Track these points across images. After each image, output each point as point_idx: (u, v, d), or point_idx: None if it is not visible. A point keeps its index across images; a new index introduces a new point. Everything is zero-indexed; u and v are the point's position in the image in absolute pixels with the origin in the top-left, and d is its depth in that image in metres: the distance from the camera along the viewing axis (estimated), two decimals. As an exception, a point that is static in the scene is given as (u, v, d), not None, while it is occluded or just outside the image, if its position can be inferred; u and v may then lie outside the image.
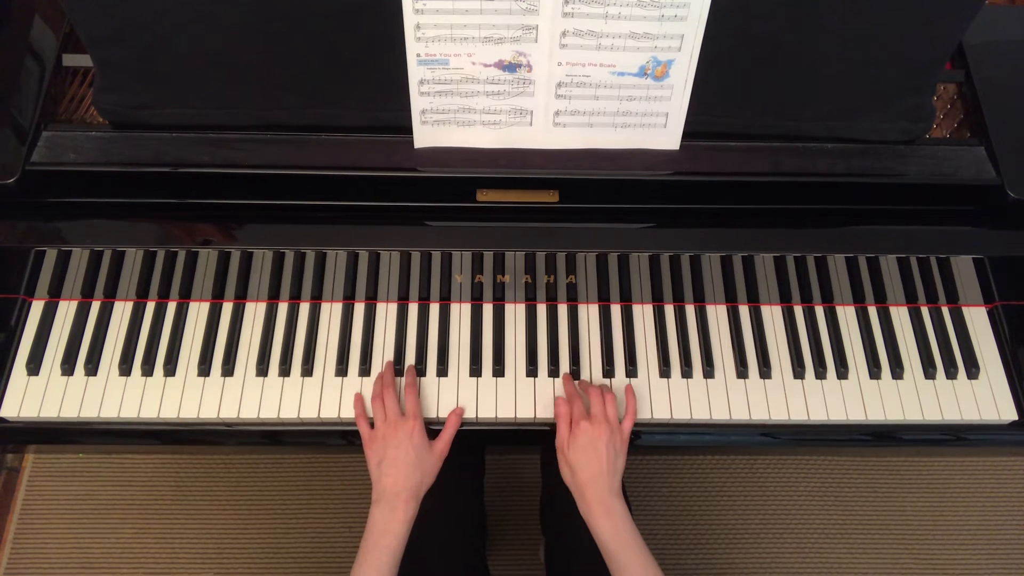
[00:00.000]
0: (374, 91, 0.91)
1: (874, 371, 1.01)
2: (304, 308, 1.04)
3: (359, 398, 0.98)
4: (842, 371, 1.01)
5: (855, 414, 0.98)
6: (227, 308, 1.04)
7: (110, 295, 1.03)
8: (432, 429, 0.97)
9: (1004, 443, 1.01)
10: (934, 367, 1.01)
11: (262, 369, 1.00)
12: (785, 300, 1.05)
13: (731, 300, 1.04)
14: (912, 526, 1.64)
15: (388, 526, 0.88)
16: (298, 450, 1.61)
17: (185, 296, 1.03)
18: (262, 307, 1.04)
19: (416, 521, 0.92)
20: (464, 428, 0.98)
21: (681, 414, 0.98)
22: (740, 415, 0.98)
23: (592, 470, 0.89)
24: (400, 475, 0.90)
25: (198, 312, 1.03)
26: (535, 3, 0.81)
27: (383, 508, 0.89)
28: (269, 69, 0.90)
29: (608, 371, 1.00)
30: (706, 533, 1.62)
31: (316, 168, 0.94)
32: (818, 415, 0.99)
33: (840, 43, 0.88)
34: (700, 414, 0.98)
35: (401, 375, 1.00)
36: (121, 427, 0.98)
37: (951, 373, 1.01)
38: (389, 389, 0.96)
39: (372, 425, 0.96)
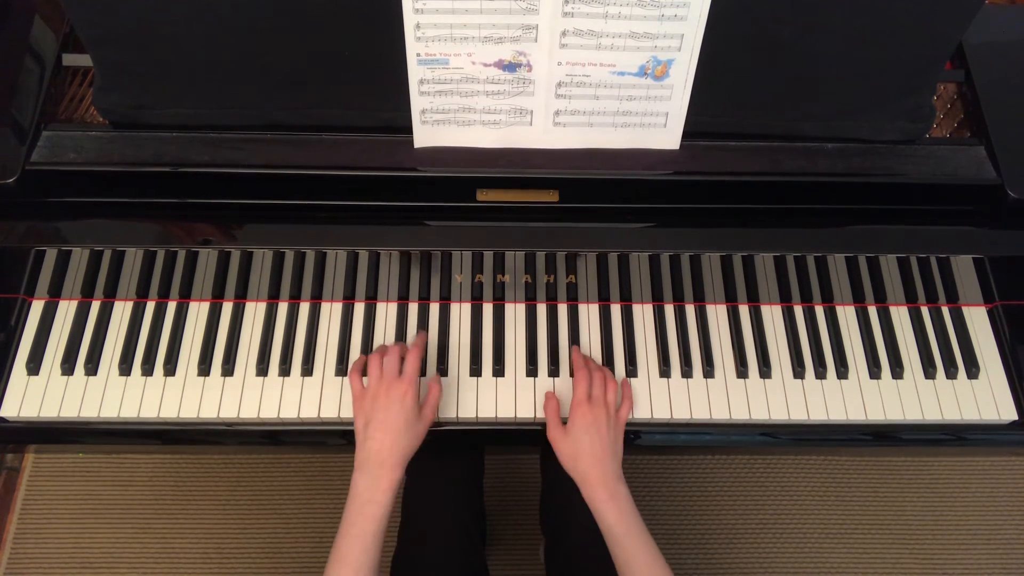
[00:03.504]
0: (374, 91, 0.91)
1: (874, 371, 1.01)
2: (304, 308, 1.04)
3: (361, 358, 0.97)
4: (842, 371, 1.01)
5: (855, 414, 0.99)
6: (227, 308, 1.04)
7: (110, 295, 1.03)
8: (432, 431, 0.97)
9: (1004, 443, 1.01)
10: (934, 367, 1.01)
11: (262, 369, 1.00)
12: (785, 300, 1.05)
13: (731, 300, 1.05)
14: (912, 526, 1.64)
15: (372, 495, 0.84)
16: (298, 450, 1.61)
17: (185, 296, 1.03)
18: (262, 307, 1.04)
19: (416, 521, 0.91)
20: (464, 428, 0.98)
21: (681, 414, 0.98)
22: (740, 415, 0.98)
23: (596, 453, 0.89)
24: (387, 439, 0.87)
25: (198, 312, 1.03)
26: (535, 3, 0.81)
27: (366, 475, 0.86)
28: (269, 69, 0.90)
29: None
30: (706, 533, 1.62)
31: (316, 168, 0.94)
32: (818, 415, 0.99)
33: (840, 43, 0.88)
34: (700, 414, 0.98)
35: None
36: (121, 427, 0.98)
37: (951, 373, 1.01)
38: (393, 348, 0.93)
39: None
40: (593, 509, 0.88)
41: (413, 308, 1.04)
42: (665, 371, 1.01)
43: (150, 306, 1.03)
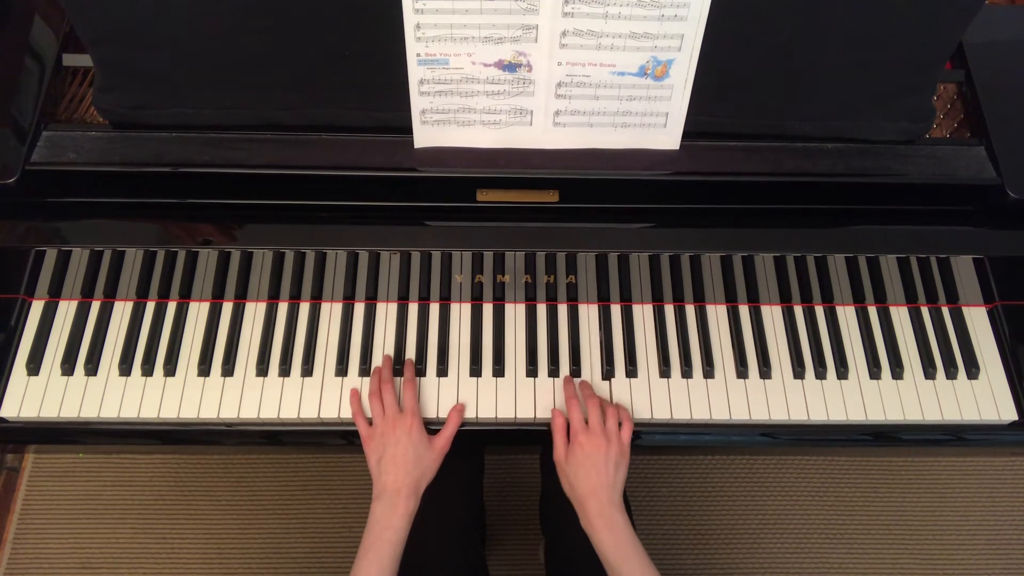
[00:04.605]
0: (374, 91, 0.91)
1: (874, 371, 1.01)
2: (304, 308, 1.04)
3: (355, 394, 0.98)
4: (842, 371, 1.01)
5: (855, 414, 0.98)
6: (227, 308, 1.04)
7: (110, 295, 1.03)
8: (432, 429, 0.97)
9: (1004, 443, 1.01)
10: (934, 367, 1.01)
11: (262, 369, 1.00)
12: (785, 300, 1.05)
13: (731, 300, 1.04)
14: (912, 526, 1.64)
15: (389, 521, 0.89)
16: (298, 450, 1.61)
17: (185, 296, 1.03)
18: (262, 307, 1.04)
19: (416, 522, 0.92)
20: (464, 428, 0.98)
21: (681, 414, 0.98)
22: (740, 415, 0.98)
23: (591, 483, 0.89)
24: (399, 472, 0.91)
25: (198, 312, 1.03)
26: (535, 3, 0.81)
27: (383, 504, 0.90)
28: (269, 69, 0.90)
29: (608, 371, 1.00)
30: (706, 533, 1.62)
31: (316, 168, 0.94)
32: (818, 415, 0.99)
33: (840, 43, 0.88)
34: (700, 414, 0.98)
35: (399, 374, 1.00)
36: (121, 427, 0.98)
37: (951, 373, 1.01)
38: (387, 385, 0.96)
39: (370, 422, 0.96)
40: (590, 536, 0.89)
41: (413, 308, 1.04)
42: (665, 371, 1.01)
43: (150, 306, 1.03)
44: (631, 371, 1.01)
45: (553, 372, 1.00)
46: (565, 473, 0.92)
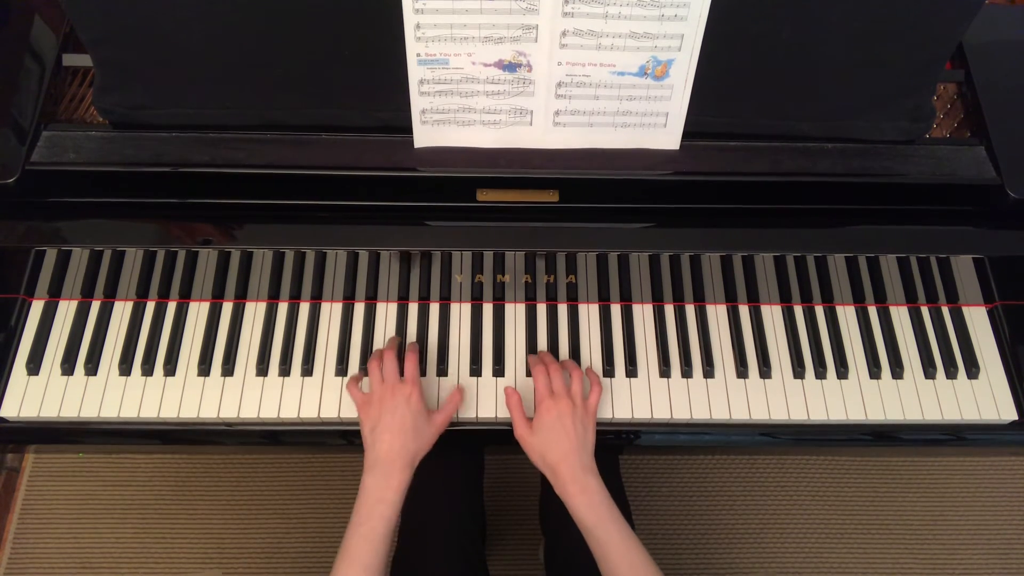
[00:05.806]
0: (374, 91, 0.91)
1: (874, 371, 1.01)
2: (304, 308, 1.04)
3: (357, 373, 0.98)
4: (842, 371, 1.01)
5: (855, 414, 0.99)
6: (227, 308, 1.04)
7: (110, 295, 1.03)
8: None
9: (1004, 443, 1.01)
10: (934, 367, 1.01)
11: (262, 369, 1.00)
12: (785, 300, 1.05)
13: (731, 300, 1.05)
14: (912, 526, 1.64)
15: (382, 494, 0.85)
16: (298, 450, 1.61)
17: (185, 296, 1.03)
18: (262, 307, 1.04)
19: (416, 521, 0.91)
20: (464, 428, 0.98)
21: (681, 414, 0.98)
22: (740, 415, 0.98)
23: (563, 448, 0.88)
24: (396, 441, 0.87)
25: (198, 312, 1.03)
26: (535, 3, 0.81)
27: (376, 475, 0.86)
28: (269, 69, 0.90)
29: (608, 371, 1.00)
30: (706, 533, 1.62)
31: (316, 168, 0.94)
32: (818, 415, 0.99)
33: (840, 43, 0.88)
34: (700, 414, 0.98)
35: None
36: (121, 427, 0.98)
37: (951, 373, 1.01)
38: (390, 352, 0.94)
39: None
40: (565, 502, 0.88)
41: (413, 308, 1.04)
42: (665, 371, 1.01)
43: (150, 306, 1.03)
44: (631, 371, 1.01)
45: (553, 372, 1.00)
46: (532, 444, 0.90)
